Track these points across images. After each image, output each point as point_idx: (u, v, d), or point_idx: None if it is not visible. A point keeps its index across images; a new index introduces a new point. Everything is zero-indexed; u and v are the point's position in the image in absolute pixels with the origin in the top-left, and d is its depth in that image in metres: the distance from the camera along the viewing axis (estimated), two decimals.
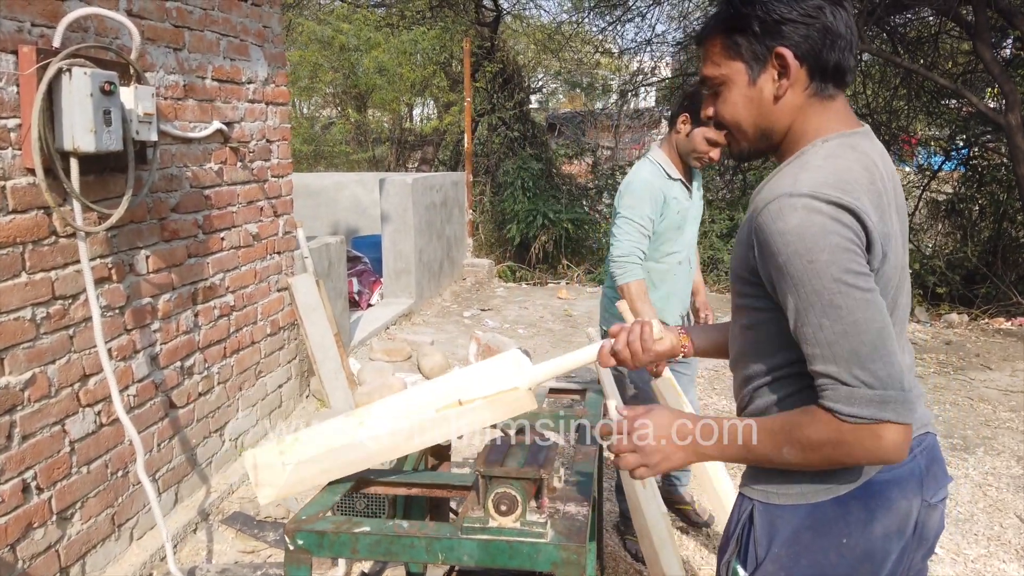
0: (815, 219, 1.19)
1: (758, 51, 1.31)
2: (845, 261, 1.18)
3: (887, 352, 1.19)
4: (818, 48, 1.29)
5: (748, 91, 1.34)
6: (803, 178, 1.24)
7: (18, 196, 2.44)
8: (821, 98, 1.33)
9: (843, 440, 1.21)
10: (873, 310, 1.19)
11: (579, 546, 1.55)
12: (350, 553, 1.63)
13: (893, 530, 1.33)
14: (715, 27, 1.37)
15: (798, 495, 1.33)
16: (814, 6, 1.28)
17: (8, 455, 2.43)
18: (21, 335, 2.47)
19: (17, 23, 2.41)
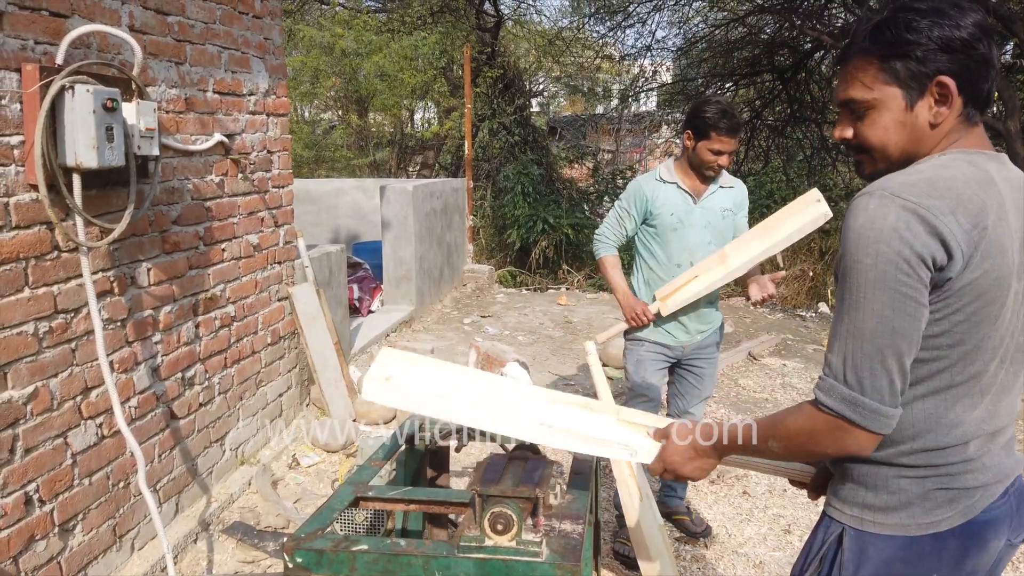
0: (877, 222, 1.23)
1: (919, 78, 1.32)
2: (888, 270, 1.22)
3: (883, 365, 1.25)
4: (975, 77, 1.31)
5: (903, 116, 1.34)
6: (896, 179, 1.29)
7: (21, 212, 2.46)
8: (969, 124, 1.36)
9: (816, 429, 1.32)
10: (892, 322, 1.23)
11: (574, 565, 1.57)
12: (348, 571, 1.65)
13: (980, 568, 1.37)
14: (868, 50, 1.36)
15: (897, 525, 1.35)
16: (975, 36, 1.30)
17: (11, 468, 2.45)
18: (24, 349, 2.49)
19: (21, 41, 2.44)
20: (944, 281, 1.25)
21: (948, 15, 1.30)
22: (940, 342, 1.29)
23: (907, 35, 1.31)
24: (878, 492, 1.37)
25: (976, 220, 1.25)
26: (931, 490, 1.34)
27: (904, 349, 1.25)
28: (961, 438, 1.33)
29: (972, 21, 1.30)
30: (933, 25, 1.30)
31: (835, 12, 11.01)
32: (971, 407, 1.33)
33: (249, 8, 3.88)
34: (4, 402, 2.42)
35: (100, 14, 2.80)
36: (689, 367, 3.30)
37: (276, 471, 4.01)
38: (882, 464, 1.36)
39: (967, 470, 1.34)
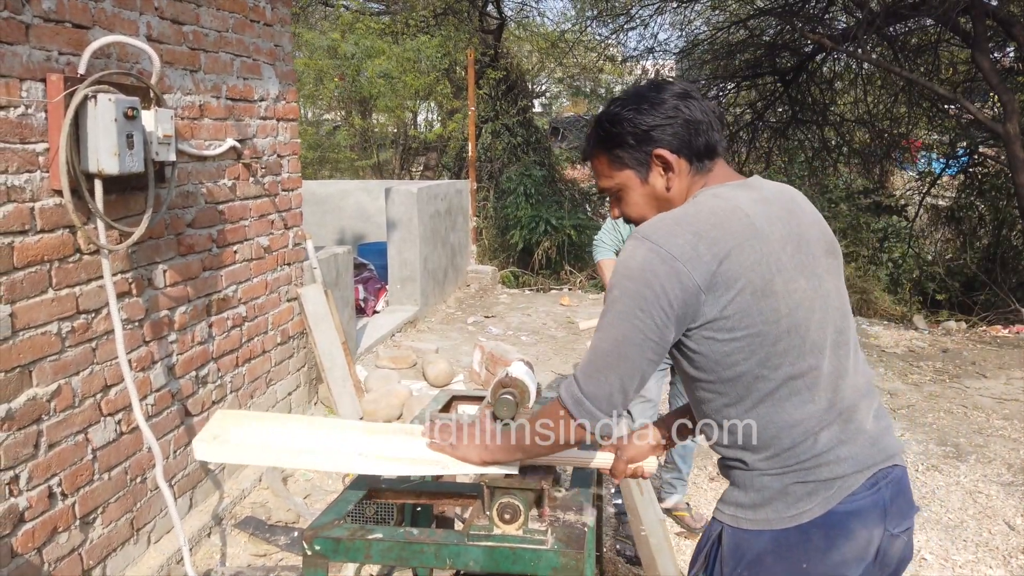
0: (629, 261, 1.43)
1: (640, 157, 1.52)
2: (629, 305, 1.40)
3: (605, 378, 1.44)
4: (687, 139, 1.50)
5: (643, 190, 1.56)
6: (648, 224, 1.47)
7: (46, 216, 2.56)
8: (703, 172, 1.54)
9: (553, 414, 1.53)
10: (621, 348, 1.42)
11: (578, 552, 1.67)
12: (363, 558, 1.75)
13: (851, 558, 1.44)
14: (596, 147, 1.58)
15: (764, 521, 1.45)
16: (672, 107, 1.49)
17: (35, 463, 2.55)
18: (48, 348, 2.59)
19: (45, 52, 2.54)
20: (698, 313, 1.39)
21: (645, 98, 1.51)
22: (734, 359, 1.41)
23: (614, 128, 1.53)
24: (747, 491, 1.48)
25: (713, 250, 1.38)
26: (789, 485, 1.43)
27: (627, 373, 1.43)
28: (805, 434, 1.43)
29: (668, 95, 1.50)
30: (634, 113, 1.50)
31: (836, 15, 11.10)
32: (803, 403, 1.43)
33: (260, 16, 3.98)
34: (29, 399, 2.52)
35: (119, 25, 2.90)
36: None
37: (286, 468, 4.10)
38: (747, 468, 1.48)
39: (820, 463, 1.43)
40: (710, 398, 1.48)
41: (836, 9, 10.82)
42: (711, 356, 1.43)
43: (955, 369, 6.19)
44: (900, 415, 5.08)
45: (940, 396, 5.49)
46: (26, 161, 2.48)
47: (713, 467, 4.20)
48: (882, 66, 10.16)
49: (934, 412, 5.15)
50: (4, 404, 2.41)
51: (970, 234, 11.33)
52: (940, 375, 6.03)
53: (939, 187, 12.09)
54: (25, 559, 2.52)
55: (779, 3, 10.95)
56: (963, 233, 11.42)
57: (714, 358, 1.43)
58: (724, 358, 1.42)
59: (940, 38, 10.13)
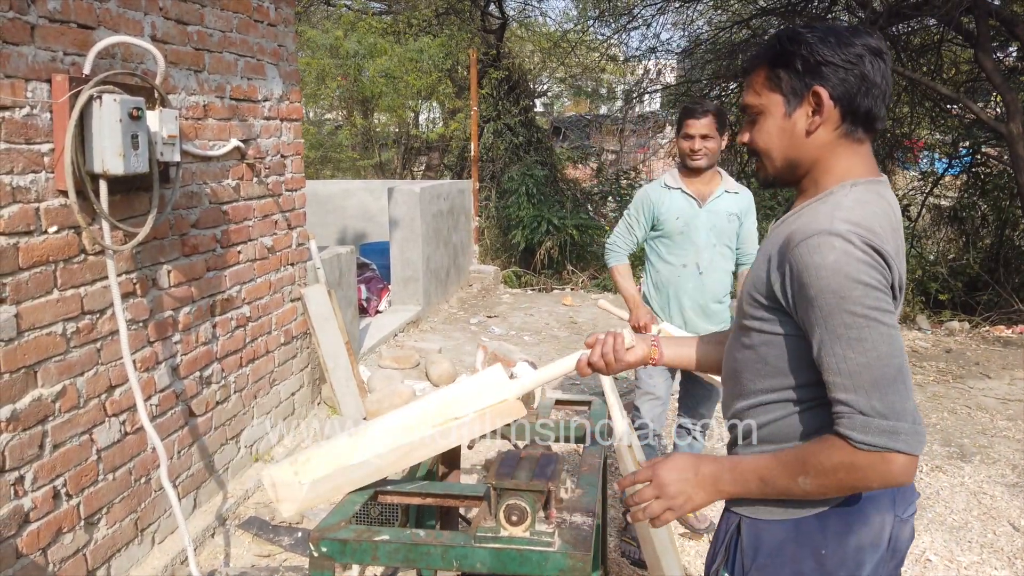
0: (850, 259, 1.28)
1: (797, 87, 1.41)
2: (874, 299, 1.28)
3: (904, 387, 1.29)
4: (853, 92, 1.39)
5: (783, 122, 1.44)
6: (839, 217, 1.33)
7: (51, 217, 2.56)
8: (850, 140, 1.43)
9: (856, 465, 1.29)
10: (895, 346, 1.29)
11: (585, 554, 1.67)
12: (370, 560, 1.75)
13: (867, 543, 1.44)
14: (761, 59, 1.46)
15: (782, 512, 1.44)
16: (855, 53, 1.37)
17: (40, 463, 2.55)
18: (53, 349, 2.59)
19: (51, 52, 2.54)
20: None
21: (839, 35, 1.39)
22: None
23: (791, 47, 1.41)
24: None
25: (898, 257, 1.35)
26: None
27: (907, 365, 1.32)
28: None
29: (862, 43, 1.38)
30: (819, 41, 1.39)
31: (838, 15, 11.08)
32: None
33: (264, 16, 3.98)
34: (34, 400, 2.52)
35: (124, 25, 2.90)
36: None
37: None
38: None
39: None
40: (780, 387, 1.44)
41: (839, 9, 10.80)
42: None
43: (958, 369, 6.18)
44: None
45: (944, 396, 5.49)
46: (31, 162, 2.48)
47: None
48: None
49: (938, 413, 5.14)
50: (9, 405, 2.41)
51: (973, 234, 11.30)
52: (943, 375, 6.02)
53: (942, 187, 12.06)
54: (30, 559, 2.52)
55: (782, 3, 10.93)
56: (966, 233, 11.39)
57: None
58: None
59: (943, 38, 10.11)
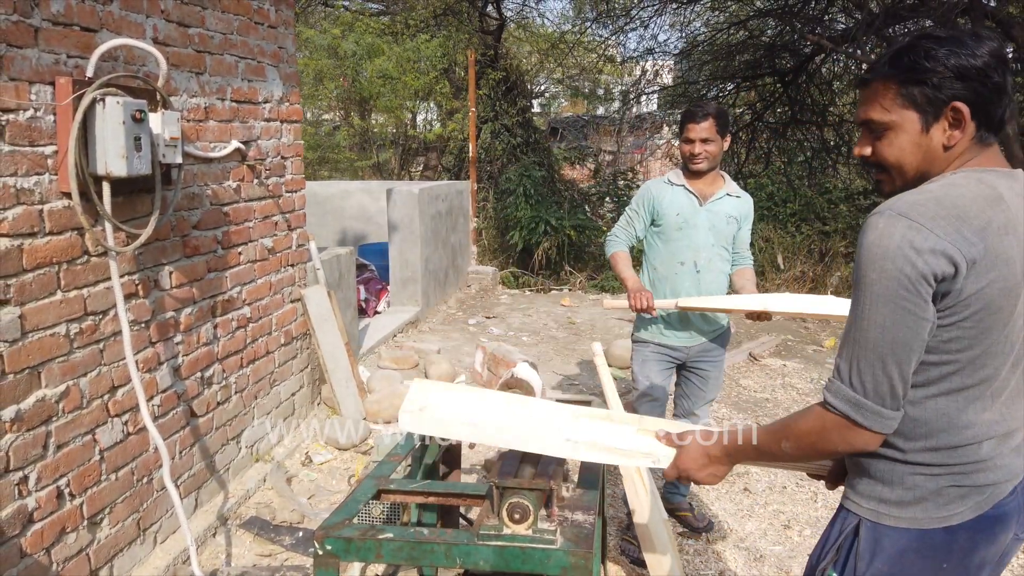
0: (884, 240, 1.33)
1: (935, 103, 1.41)
2: (890, 286, 1.33)
3: (881, 368, 1.35)
4: (989, 104, 1.40)
5: (919, 138, 1.43)
6: (906, 198, 1.38)
7: (54, 219, 2.58)
8: (982, 145, 1.44)
9: (825, 427, 1.42)
10: (892, 333, 1.34)
11: (587, 552, 1.69)
12: (375, 558, 1.77)
13: (989, 560, 1.47)
14: (890, 75, 1.44)
15: (911, 519, 1.44)
16: (990, 65, 1.38)
17: (44, 463, 2.57)
18: (56, 350, 2.61)
19: (54, 55, 2.56)
20: (950, 291, 1.33)
21: (965, 44, 1.39)
22: (951, 347, 1.37)
23: (925, 63, 1.40)
24: (894, 487, 1.46)
25: (980, 235, 1.33)
26: (944, 487, 1.43)
27: (903, 358, 1.35)
28: (973, 438, 1.42)
29: (988, 50, 1.38)
30: (950, 54, 1.38)
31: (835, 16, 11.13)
32: (983, 409, 1.42)
33: (264, 18, 4.00)
34: (38, 400, 2.53)
35: (126, 28, 2.92)
36: (694, 369, 3.41)
37: (290, 468, 4.12)
38: (897, 462, 1.45)
39: (979, 469, 1.43)
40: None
41: (835, 10, 10.84)
42: (935, 337, 1.38)
43: None
44: None
45: None
46: (35, 164, 2.50)
47: None
48: None
49: None
50: (13, 405, 2.43)
51: None
52: None
53: None
54: (34, 559, 2.53)
55: (778, 4, 10.97)
56: None
57: (932, 340, 1.38)
58: (942, 344, 1.38)
59: None
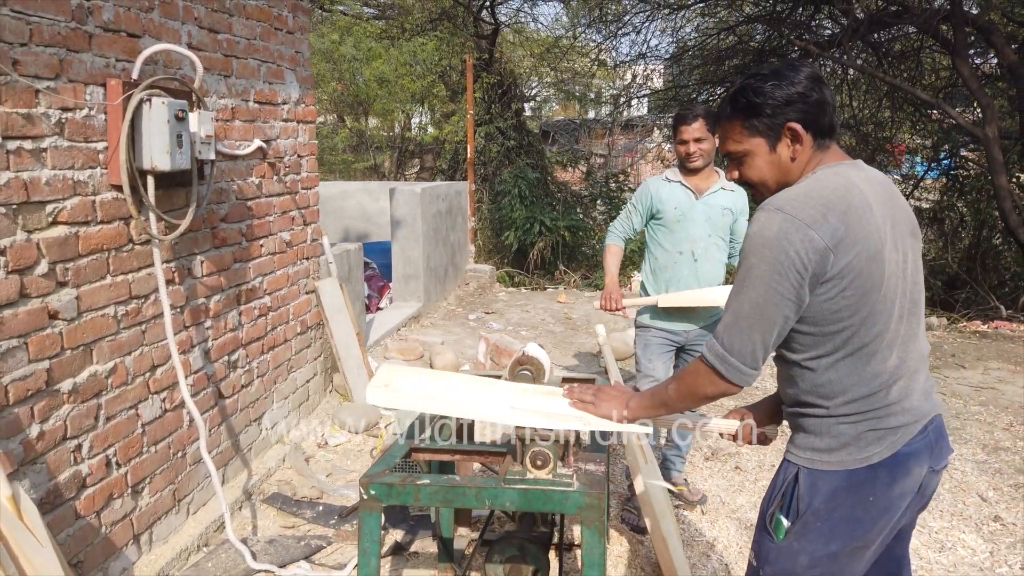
0: (764, 231, 1.63)
1: (773, 127, 1.73)
2: (766, 270, 1.61)
3: (749, 336, 1.66)
4: (816, 116, 1.72)
5: (770, 157, 1.76)
6: (781, 196, 1.68)
7: (104, 209, 2.81)
8: (821, 149, 1.75)
9: (699, 372, 1.76)
10: (762, 309, 1.63)
11: (600, 493, 1.93)
12: (413, 500, 2.01)
13: (907, 491, 1.72)
14: (732, 114, 1.77)
15: (839, 463, 1.70)
16: (806, 87, 1.70)
17: (95, 433, 2.80)
18: (106, 329, 2.84)
19: (105, 59, 2.79)
20: (825, 270, 1.61)
21: (785, 76, 1.71)
22: (841, 315, 1.64)
23: (756, 99, 1.72)
24: (823, 437, 1.72)
25: (842, 218, 1.61)
26: (863, 432, 1.69)
27: (767, 330, 1.65)
28: (881, 385, 1.68)
29: (804, 76, 1.70)
30: (775, 87, 1.71)
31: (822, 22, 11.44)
32: (884, 359, 1.68)
33: (283, 24, 4.24)
34: (91, 375, 2.76)
35: (165, 34, 3.15)
36: (693, 352, 3.65)
37: (306, 450, 4.35)
38: (824, 416, 1.72)
39: (890, 412, 1.69)
40: (807, 346, 1.71)
41: (822, 17, 11.15)
42: (820, 311, 1.64)
43: (935, 361, 6.49)
44: None
45: None
46: (89, 158, 2.73)
47: (708, 447, 4.48)
48: (866, 72, 10.49)
49: None
50: (70, 379, 2.66)
51: (952, 235, 11.66)
52: None
53: (922, 189, 12.44)
54: (86, 521, 2.76)
55: (767, 10, 11.27)
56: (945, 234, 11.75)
57: (821, 313, 1.64)
58: (831, 314, 1.64)
59: (922, 45, 10.47)
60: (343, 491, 3.89)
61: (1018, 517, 3.70)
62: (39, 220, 2.51)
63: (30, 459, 2.49)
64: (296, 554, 3.30)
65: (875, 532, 1.71)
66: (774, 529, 1.78)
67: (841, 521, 1.70)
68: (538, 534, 2.78)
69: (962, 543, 3.47)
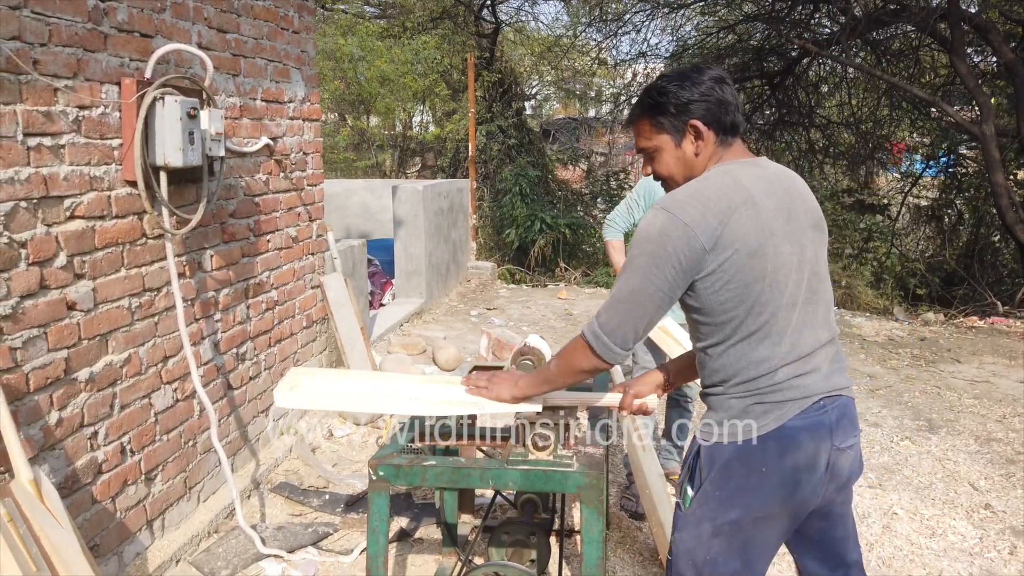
0: (648, 227, 1.76)
1: (677, 125, 1.85)
2: (646, 263, 1.75)
3: (624, 320, 1.79)
4: (717, 114, 1.83)
5: (676, 153, 1.87)
6: (670, 195, 1.81)
7: (119, 204, 2.90)
8: (724, 145, 1.87)
9: (576, 347, 1.89)
10: (637, 297, 1.76)
11: (599, 474, 2.02)
12: (420, 481, 2.10)
13: (803, 464, 1.80)
14: (641, 113, 1.90)
15: (729, 435, 1.81)
16: (708, 87, 1.82)
17: (111, 421, 2.89)
18: (120, 321, 2.93)
19: (119, 59, 2.88)
20: (704, 266, 1.72)
21: (689, 77, 1.83)
22: (727, 306, 1.75)
23: (660, 98, 1.84)
24: (716, 412, 1.84)
25: (720, 217, 1.71)
26: (749, 405, 1.79)
27: (639, 315, 1.78)
28: (769, 368, 1.77)
29: (708, 77, 1.83)
30: (679, 88, 1.83)
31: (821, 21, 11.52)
32: (773, 345, 1.77)
33: (289, 24, 4.33)
34: (107, 365, 2.85)
35: (176, 34, 3.24)
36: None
37: (313, 441, 4.44)
38: (721, 395, 1.83)
39: (775, 390, 1.78)
40: (705, 335, 1.83)
41: (821, 15, 11.23)
42: (709, 303, 1.77)
43: (931, 355, 6.58)
44: (878, 395, 5.46)
45: (916, 379, 5.88)
46: (104, 155, 2.82)
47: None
48: (865, 70, 10.57)
49: (910, 392, 5.53)
50: (87, 368, 2.75)
51: (950, 232, 11.76)
52: (917, 360, 6.42)
53: (921, 187, 12.53)
54: (102, 506, 2.85)
55: (766, 9, 11.35)
56: (943, 231, 11.85)
57: (711, 305, 1.77)
58: (719, 306, 1.76)
59: (920, 43, 10.55)
60: (349, 480, 3.99)
61: (1008, 505, 3.79)
62: (58, 214, 2.60)
63: (49, 445, 2.58)
64: (304, 540, 3.39)
65: (775, 503, 1.80)
66: (682, 498, 1.90)
67: (737, 490, 1.80)
68: (540, 520, 2.88)
69: (952, 529, 3.56)
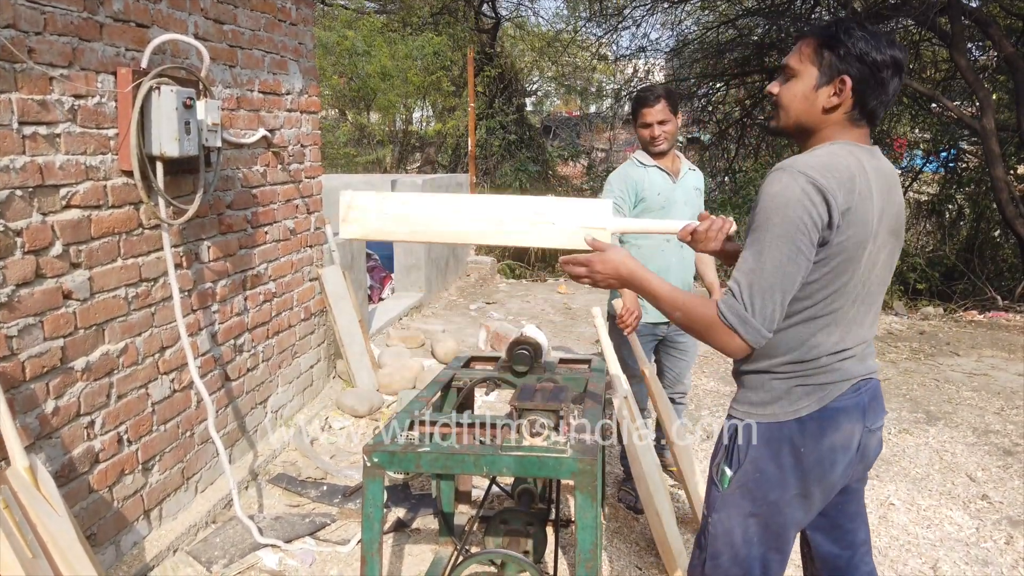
0: (787, 191, 1.64)
1: (834, 69, 1.73)
2: (789, 229, 1.64)
3: (771, 296, 1.66)
4: (868, 90, 1.73)
5: (810, 92, 1.76)
6: (799, 160, 1.69)
7: (115, 194, 2.90)
8: (853, 124, 1.77)
9: (713, 326, 1.72)
10: (784, 268, 1.65)
11: (592, 459, 2.03)
12: (414, 467, 2.10)
13: (839, 445, 1.81)
14: (818, 33, 1.77)
15: (771, 415, 1.81)
16: (885, 63, 1.71)
17: (108, 411, 2.89)
18: (117, 311, 2.93)
19: (115, 48, 2.88)
20: (826, 240, 1.66)
21: (878, 39, 1.72)
22: (813, 287, 1.71)
23: (841, 35, 1.73)
24: (757, 392, 1.83)
25: (849, 197, 1.66)
26: (792, 387, 1.78)
27: (788, 290, 1.67)
28: (817, 355, 1.77)
29: (892, 54, 1.71)
30: (862, 39, 1.71)
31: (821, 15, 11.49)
32: (828, 334, 1.77)
33: (287, 16, 4.33)
34: (103, 354, 2.86)
35: (172, 24, 3.24)
36: (673, 343, 3.70)
37: (311, 433, 4.45)
38: (762, 372, 1.81)
39: (818, 372, 1.77)
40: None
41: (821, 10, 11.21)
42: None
43: (930, 349, 6.58)
44: None
45: (915, 372, 5.88)
46: (100, 144, 2.82)
47: (703, 430, 4.58)
48: None
49: (908, 385, 5.53)
50: (84, 357, 2.76)
51: (950, 226, 11.74)
52: (916, 354, 6.41)
53: (921, 181, 12.51)
54: (99, 495, 2.86)
55: (767, 4, 11.34)
56: (944, 225, 11.83)
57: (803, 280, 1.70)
58: (806, 285, 1.71)
59: (921, 37, 10.53)
60: (346, 472, 3.99)
61: (1005, 496, 3.79)
62: (53, 203, 2.61)
63: (46, 433, 2.59)
64: (301, 530, 3.40)
65: (811, 482, 1.81)
66: (720, 479, 1.88)
67: (777, 470, 1.80)
68: (536, 510, 2.88)
69: (949, 520, 3.56)
